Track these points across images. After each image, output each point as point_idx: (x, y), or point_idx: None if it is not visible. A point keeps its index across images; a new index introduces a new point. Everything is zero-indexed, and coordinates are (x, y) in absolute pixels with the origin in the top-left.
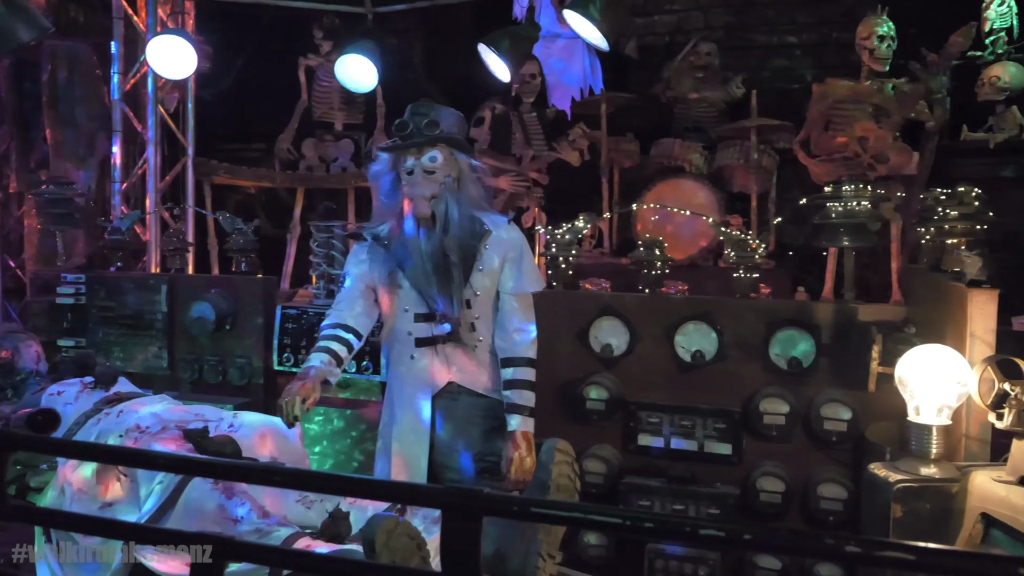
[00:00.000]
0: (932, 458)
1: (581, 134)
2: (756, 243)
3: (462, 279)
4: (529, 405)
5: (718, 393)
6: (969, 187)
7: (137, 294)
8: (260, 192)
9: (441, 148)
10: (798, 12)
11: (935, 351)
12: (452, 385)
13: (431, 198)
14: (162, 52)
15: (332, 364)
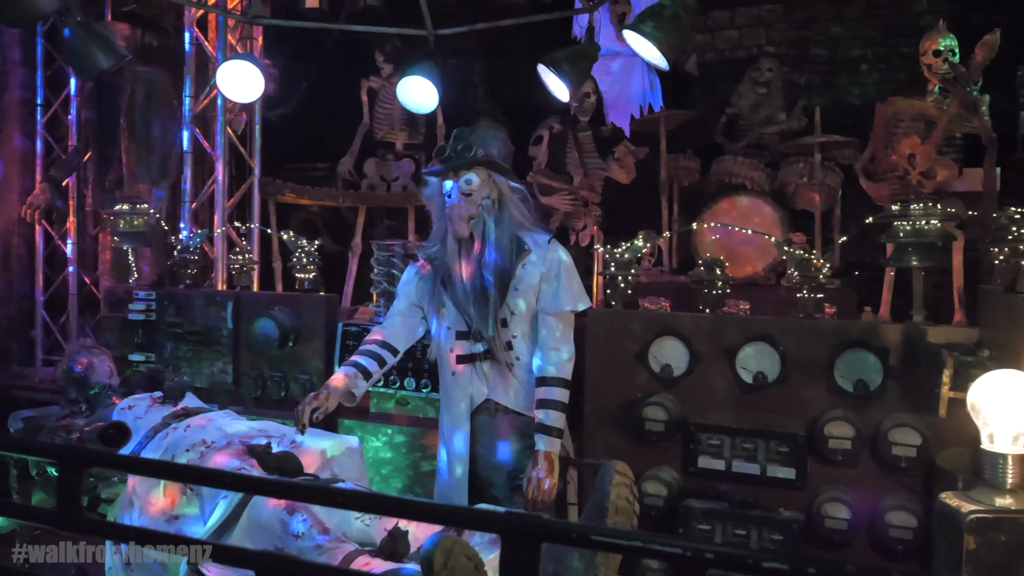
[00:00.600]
0: (1008, 488)
1: (626, 151)
2: (820, 262)
3: (498, 298)
4: (557, 426)
5: (781, 415)
6: None
7: (204, 311)
8: (322, 211)
9: (477, 171)
10: (863, 26)
11: (1010, 376)
12: (489, 402)
13: (469, 219)
14: (231, 77)
15: (358, 377)
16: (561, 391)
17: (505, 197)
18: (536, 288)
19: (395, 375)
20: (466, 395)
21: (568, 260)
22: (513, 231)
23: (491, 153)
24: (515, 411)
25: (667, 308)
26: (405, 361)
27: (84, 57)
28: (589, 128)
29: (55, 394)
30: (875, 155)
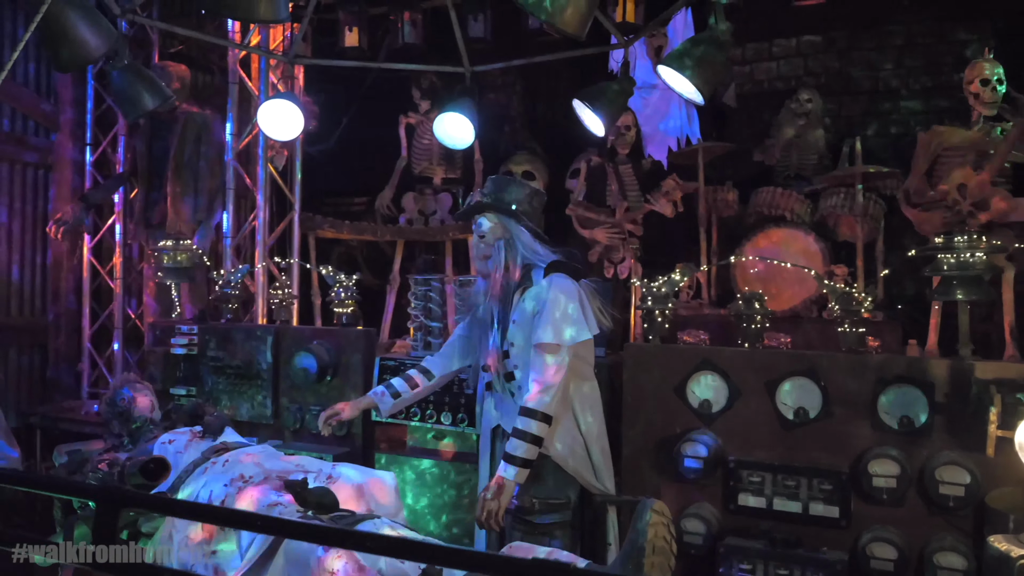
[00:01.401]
0: None
1: (674, 186)
2: (862, 296)
3: (500, 332)
4: (520, 455)
5: (824, 452)
6: None
7: (245, 345)
8: (361, 245)
9: (487, 216)
10: (904, 55)
11: None
12: (499, 429)
13: (484, 258)
14: (272, 115)
15: (385, 395)
16: (535, 423)
17: (514, 237)
18: (529, 320)
19: (432, 409)
20: (488, 421)
21: (560, 291)
22: (521, 268)
23: (500, 197)
24: None
25: (707, 341)
26: (442, 395)
27: (131, 99)
28: (629, 161)
29: (100, 427)
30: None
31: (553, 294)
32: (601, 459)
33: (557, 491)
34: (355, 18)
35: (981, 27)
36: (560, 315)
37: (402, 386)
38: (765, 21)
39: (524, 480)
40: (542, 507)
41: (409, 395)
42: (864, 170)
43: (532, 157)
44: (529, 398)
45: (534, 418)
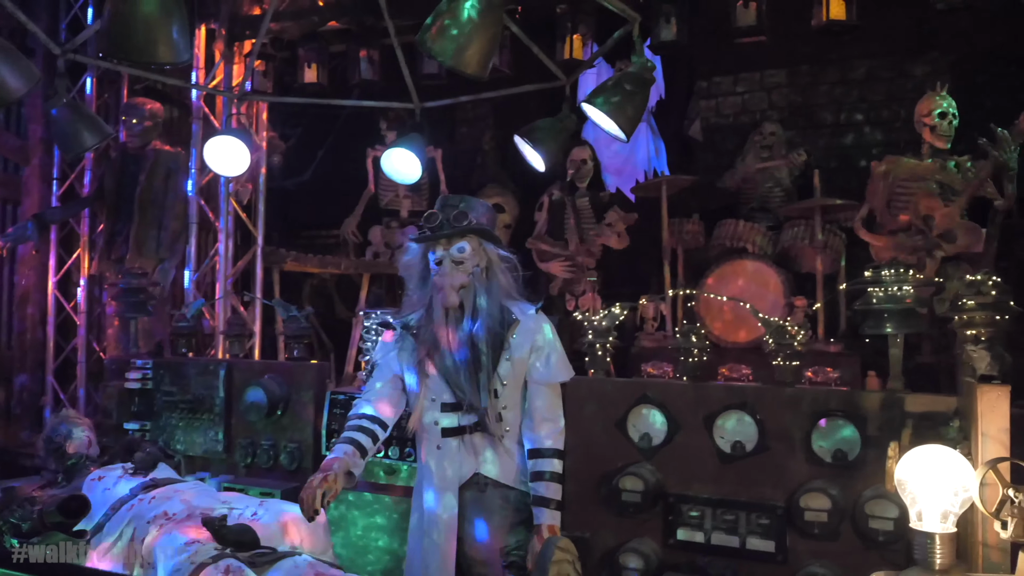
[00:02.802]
0: (937, 569)
1: (617, 217)
2: (795, 329)
3: (490, 368)
4: (556, 498)
5: (761, 486)
6: (987, 274)
7: (198, 379)
8: (334, 278)
9: (470, 239)
10: (866, 90)
11: (936, 452)
12: (479, 476)
13: (460, 288)
14: (218, 151)
15: (356, 455)
16: (558, 462)
17: (494, 265)
18: (525, 359)
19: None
20: (454, 469)
21: (555, 331)
22: (501, 300)
23: (481, 221)
24: (506, 484)
25: (670, 374)
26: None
27: (70, 136)
28: (587, 194)
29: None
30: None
31: (552, 332)
32: None
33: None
34: (315, 55)
35: (938, 61)
36: (561, 353)
37: (367, 442)
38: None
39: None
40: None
41: (372, 451)
42: (824, 202)
43: (502, 190)
44: (548, 439)
45: (560, 458)
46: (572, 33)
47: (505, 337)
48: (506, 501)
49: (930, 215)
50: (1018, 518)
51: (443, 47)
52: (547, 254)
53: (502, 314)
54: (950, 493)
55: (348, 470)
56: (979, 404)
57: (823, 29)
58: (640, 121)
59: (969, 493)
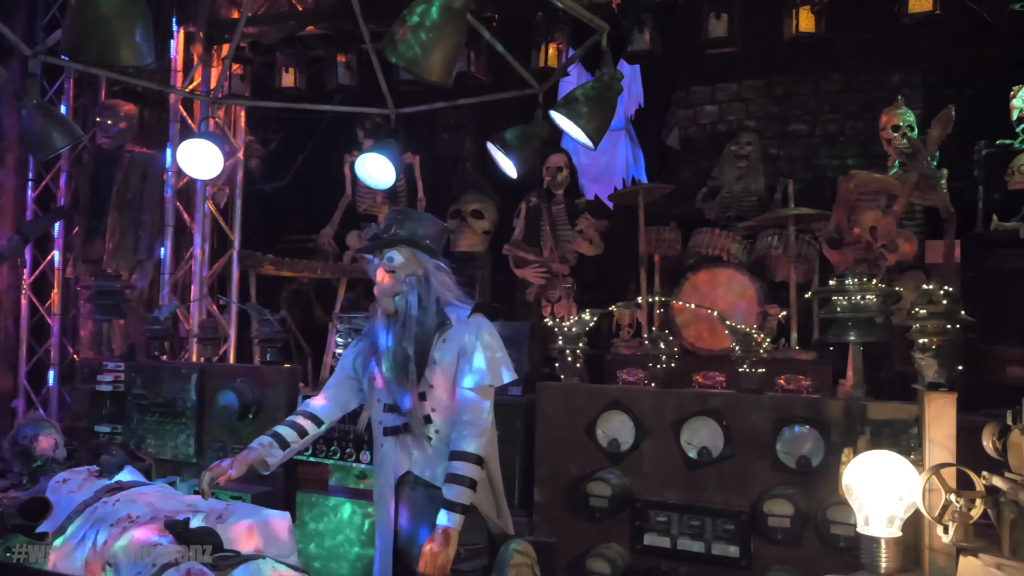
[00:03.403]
0: (883, 573)
1: (587, 223)
2: (760, 337)
3: (416, 373)
4: (461, 502)
5: (727, 492)
6: (938, 285)
7: (170, 383)
8: (313, 282)
9: (400, 249)
10: (840, 101)
11: (882, 457)
12: (410, 475)
13: (394, 295)
14: (191, 154)
15: (273, 446)
16: (471, 467)
17: (430, 274)
18: (454, 363)
19: (351, 448)
20: (392, 467)
21: (488, 333)
22: (436, 307)
23: (415, 232)
24: (432, 484)
25: (643, 380)
26: (363, 434)
27: (40, 137)
28: (563, 201)
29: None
30: (839, 226)
31: (483, 336)
32: (502, 500)
33: (477, 536)
34: (293, 59)
35: (913, 74)
36: (493, 357)
37: (290, 435)
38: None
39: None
40: (467, 554)
41: (298, 444)
42: (797, 212)
43: (482, 197)
44: (465, 442)
45: (471, 461)
46: (547, 42)
47: (434, 341)
48: (433, 501)
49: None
50: (959, 523)
51: (406, 54)
52: (522, 260)
53: (435, 319)
54: (895, 498)
55: (262, 459)
56: (927, 411)
57: (793, 41)
58: (607, 130)
59: (914, 498)
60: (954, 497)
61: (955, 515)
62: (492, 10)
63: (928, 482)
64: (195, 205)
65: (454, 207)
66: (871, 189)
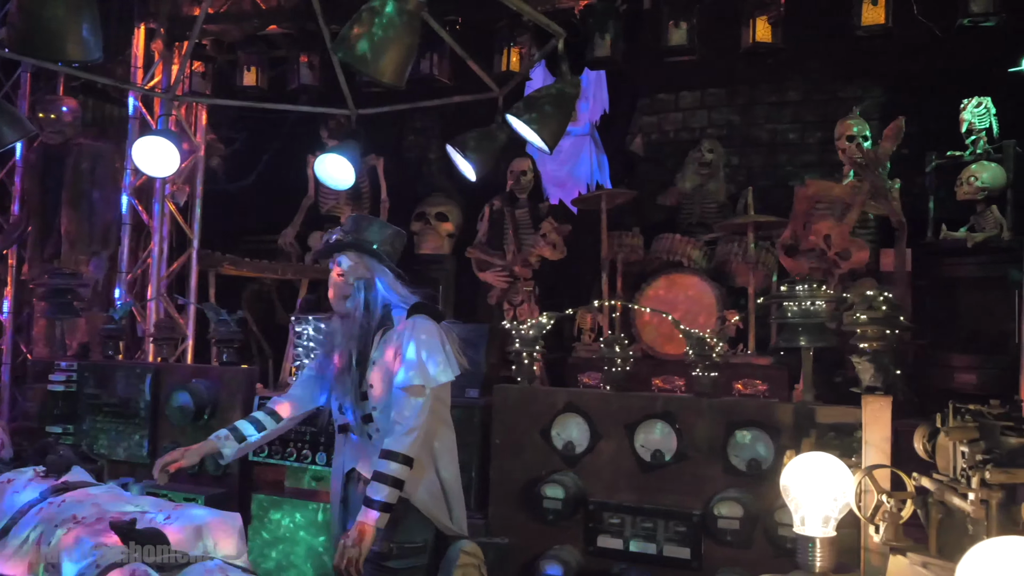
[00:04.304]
0: (817, 572)
1: (551, 228)
2: (713, 341)
3: (358, 373)
4: (381, 499)
5: (680, 494)
6: (878, 291)
7: (124, 383)
8: (276, 283)
9: (349, 254)
10: (800, 110)
11: (817, 459)
12: (355, 472)
13: (344, 298)
14: (147, 152)
15: (230, 439)
16: (396, 466)
17: (375, 277)
18: (390, 362)
19: (307, 449)
20: (340, 464)
21: (424, 333)
22: (381, 309)
23: (361, 236)
24: None
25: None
26: (318, 435)
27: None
28: (526, 205)
29: None
30: (795, 234)
31: (416, 335)
32: (457, 502)
33: (415, 535)
34: (255, 58)
35: (870, 86)
36: (424, 356)
37: (248, 429)
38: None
39: (385, 525)
40: (400, 552)
41: (255, 439)
42: (756, 219)
43: (446, 199)
44: (391, 440)
45: (396, 460)
46: (510, 46)
47: (375, 342)
48: None
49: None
50: (890, 523)
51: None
52: (485, 263)
53: (379, 321)
54: (830, 499)
55: (216, 450)
56: (864, 414)
57: (750, 50)
58: (563, 134)
59: (848, 499)
60: (885, 498)
61: (886, 515)
62: (455, 13)
63: (862, 483)
64: (154, 203)
65: (419, 209)
66: (827, 198)
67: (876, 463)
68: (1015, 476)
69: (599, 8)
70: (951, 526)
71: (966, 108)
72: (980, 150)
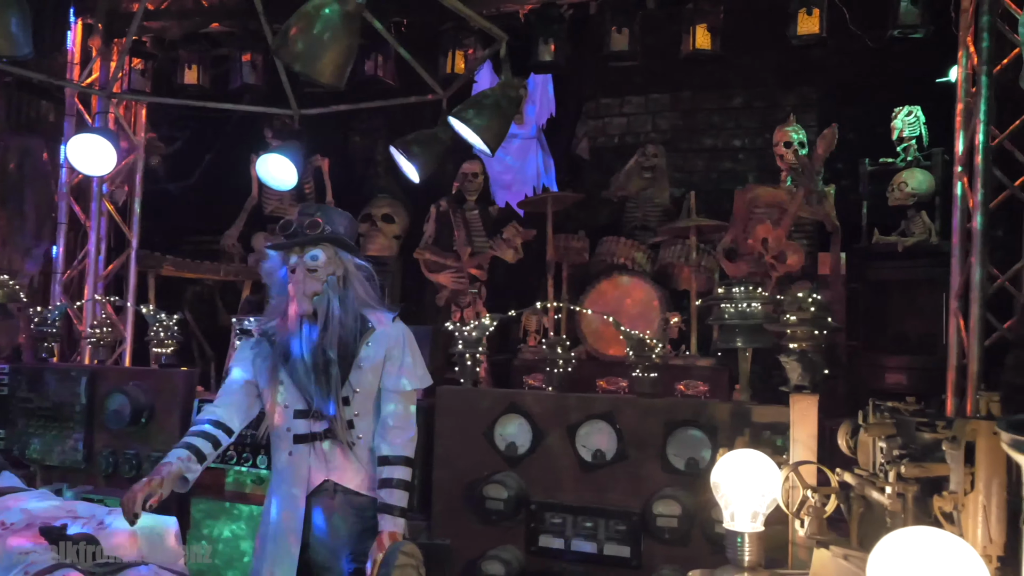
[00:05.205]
0: (746, 566)
1: (515, 232)
2: (653, 342)
3: (339, 376)
4: (400, 505)
5: (620, 493)
6: (807, 292)
7: (58, 386)
8: (218, 284)
9: (324, 247)
10: (742, 117)
11: (746, 455)
12: (328, 483)
13: (313, 296)
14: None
15: (192, 460)
16: (404, 470)
17: (350, 274)
18: (380, 366)
19: (248, 452)
20: (303, 476)
21: (412, 339)
22: (357, 309)
23: (338, 230)
24: (355, 491)
25: None
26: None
27: None
28: (477, 207)
29: None
30: (735, 238)
31: (409, 341)
32: None
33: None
34: (196, 56)
35: (807, 94)
36: (416, 362)
37: (206, 447)
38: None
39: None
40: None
41: (212, 456)
42: (698, 223)
43: (393, 201)
44: (400, 446)
45: (406, 465)
46: (455, 49)
47: (358, 344)
48: (354, 508)
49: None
50: (814, 517)
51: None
52: (436, 265)
53: (357, 323)
54: (758, 494)
55: (182, 475)
56: (792, 412)
57: (690, 56)
58: (505, 137)
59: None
60: (810, 493)
61: (811, 510)
62: (400, 15)
63: (789, 479)
64: (91, 202)
65: (365, 211)
66: (766, 203)
67: (803, 459)
68: (929, 470)
69: (543, 13)
70: (871, 519)
71: (897, 117)
72: (911, 157)
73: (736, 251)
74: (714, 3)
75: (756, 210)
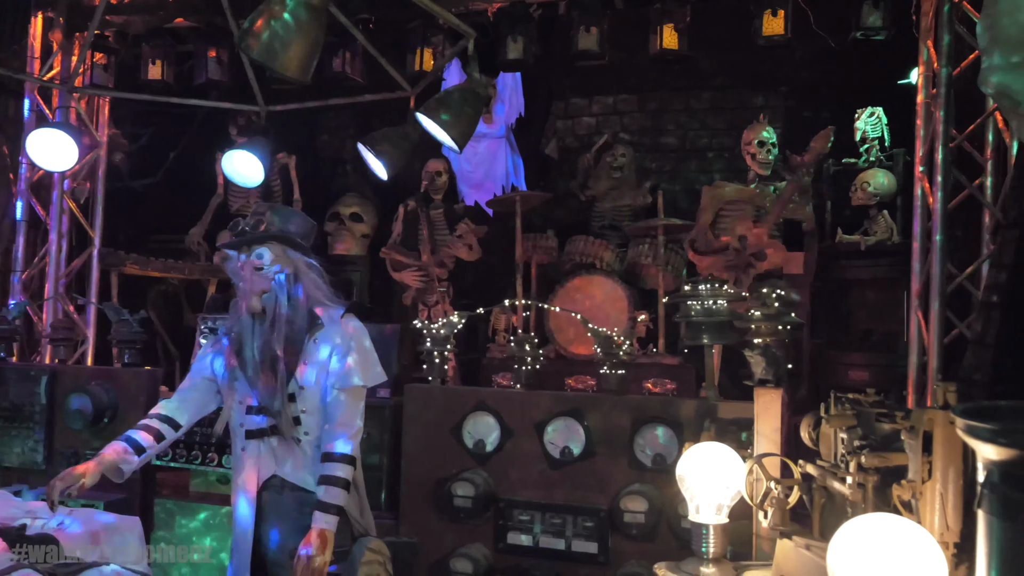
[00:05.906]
0: (710, 558)
1: (467, 229)
2: (621, 340)
3: (286, 373)
4: (336, 503)
5: (588, 490)
6: (772, 288)
7: (17, 385)
8: (183, 283)
9: (271, 245)
10: (709, 117)
11: (712, 449)
12: (276, 478)
13: (261, 293)
14: (43, 144)
15: (129, 452)
16: (345, 467)
17: (300, 272)
18: (325, 362)
19: (213, 451)
20: (254, 471)
21: (360, 335)
22: (307, 306)
23: (286, 228)
24: (302, 488)
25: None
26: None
27: None
28: (442, 206)
29: None
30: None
31: (356, 336)
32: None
33: (342, 538)
34: (160, 51)
35: (774, 95)
36: (365, 358)
37: (146, 440)
38: (586, 78)
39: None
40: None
41: (154, 450)
42: (666, 223)
43: (361, 200)
44: (340, 443)
45: (346, 462)
46: (423, 46)
47: (304, 341)
48: (301, 504)
49: (744, 236)
50: (777, 508)
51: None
52: (400, 264)
53: (306, 319)
54: (722, 487)
55: (116, 466)
56: (756, 406)
57: (658, 56)
58: (473, 134)
59: (739, 486)
60: (773, 484)
61: (774, 501)
62: (368, 12)
63: (753, 471)
64: (51, 199)
65: (332, 209)
66: (735, 199)
67: (766, 452)
68: (888, 460)
69: (511, 11)
70: (833, 510)
71: (860, 117)
72: (873, 158)
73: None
74: (681, 3)
75: (728, 207)
